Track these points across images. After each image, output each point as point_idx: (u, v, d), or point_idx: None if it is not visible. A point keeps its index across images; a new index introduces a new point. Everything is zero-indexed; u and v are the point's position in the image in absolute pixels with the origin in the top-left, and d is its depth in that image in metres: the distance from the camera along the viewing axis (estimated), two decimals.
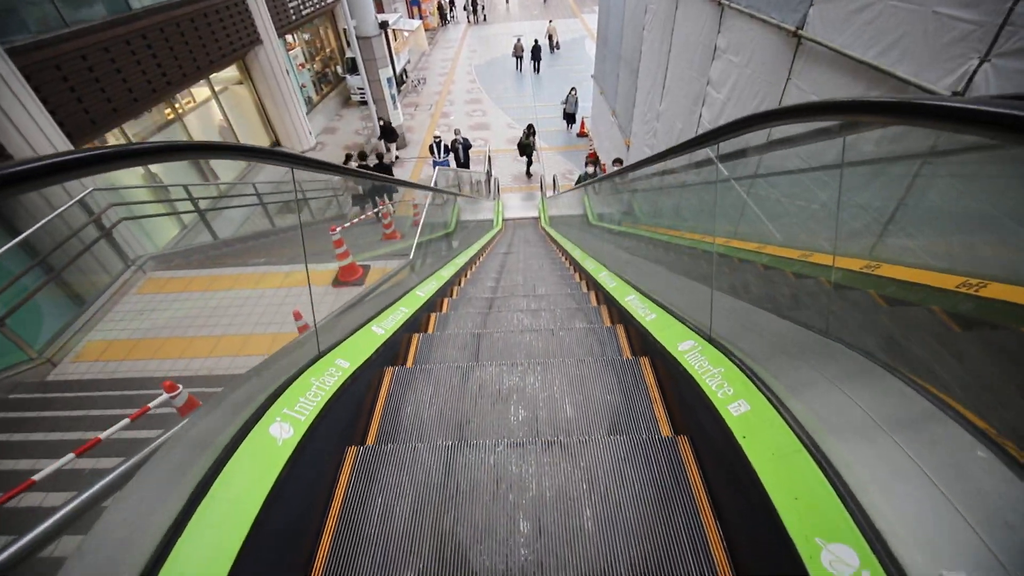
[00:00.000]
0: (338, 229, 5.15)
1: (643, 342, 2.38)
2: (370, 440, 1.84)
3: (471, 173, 9.06)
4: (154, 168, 9.72)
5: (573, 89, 15.08)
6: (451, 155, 12.01)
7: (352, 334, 2.17)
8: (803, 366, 1.41)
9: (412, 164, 14.23)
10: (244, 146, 1.35)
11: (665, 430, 1.79)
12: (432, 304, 3.38)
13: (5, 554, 0.97)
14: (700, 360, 1.67)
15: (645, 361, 2.22)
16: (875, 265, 2.10)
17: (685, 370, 1.70)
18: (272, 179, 12.58)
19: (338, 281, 5.31)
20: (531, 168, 13.58)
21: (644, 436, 1.64)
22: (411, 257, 3.43)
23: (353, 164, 11.42)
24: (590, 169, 7.86)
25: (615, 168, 7.62)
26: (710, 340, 1.81)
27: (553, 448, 1.59)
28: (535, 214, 12.09)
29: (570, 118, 15.72)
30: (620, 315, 2.96)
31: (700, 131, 6.21)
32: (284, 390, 1.52)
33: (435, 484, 1.49)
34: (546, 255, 6.99)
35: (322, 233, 9.53)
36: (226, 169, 12.39)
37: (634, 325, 2.57)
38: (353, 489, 1.46)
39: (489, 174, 12.03)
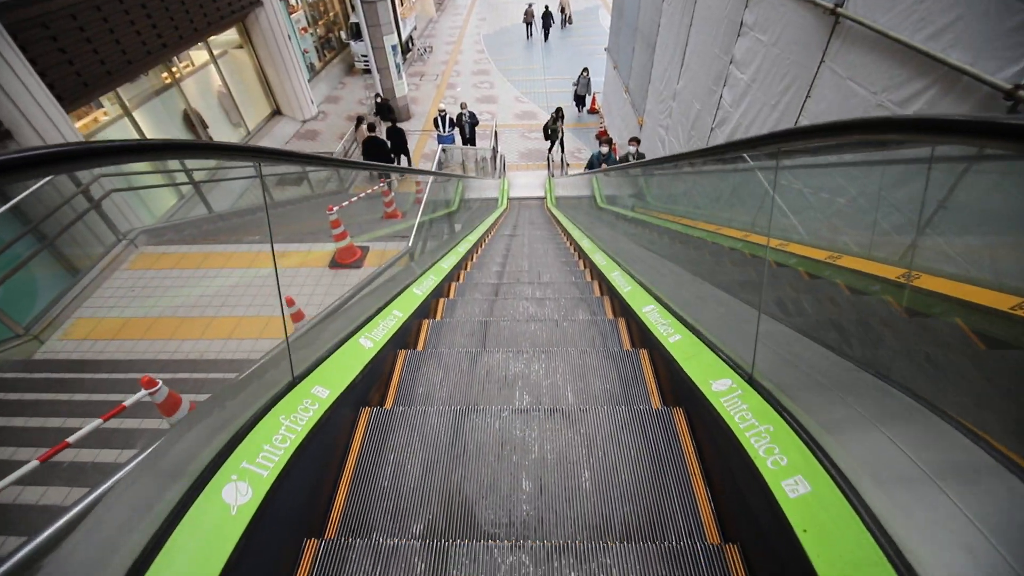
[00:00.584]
0: (335, 209, 4.91)
1: (668, 373, 1.96)
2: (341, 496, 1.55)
3: (477, 151, 8.74)
4: (152, 134, 9.45)
5: (585, 70, 14.22)
6: (456, 130, 11.62)
7: (336, 350, 1.89)
8: (872, 432, 1.10)
9: (416, 137, 13.81)
10: (205, 144, 1.12)
11: (704, 506, 1.48)
12: (428, 304, 3.16)
13: None
14: (741, 409, 1.35)
15: (678, 415, 1.75)
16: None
17: (723, 421, 1.38)
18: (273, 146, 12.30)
19: (335, 263, 5.11)
20: (552, 152, 12.62)
21: (685, 542, 1.36)
22: (410, 244, 3.21)
23: (364, 129, 11.03)
24: (604, 149, 7.35)
25: (632, 147, 7.14)
26: (751, 381, 1.47)
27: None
28: (541, 194, 11.78)
29: (580, 100, 14.91)
30: (639, 332, 2.44)
31: (720, 114, 5.87)
32: (244, 436, 1.27)
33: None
34: (551, 239, 6.76)
35: (320, 209, 9.33)
36: (226, 137, 12.05)
37: (658, 350, 2.06)
38: None
39: (495, 151, 11.66)
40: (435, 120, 11.50)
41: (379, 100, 12.74)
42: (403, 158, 11.51)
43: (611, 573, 1.25)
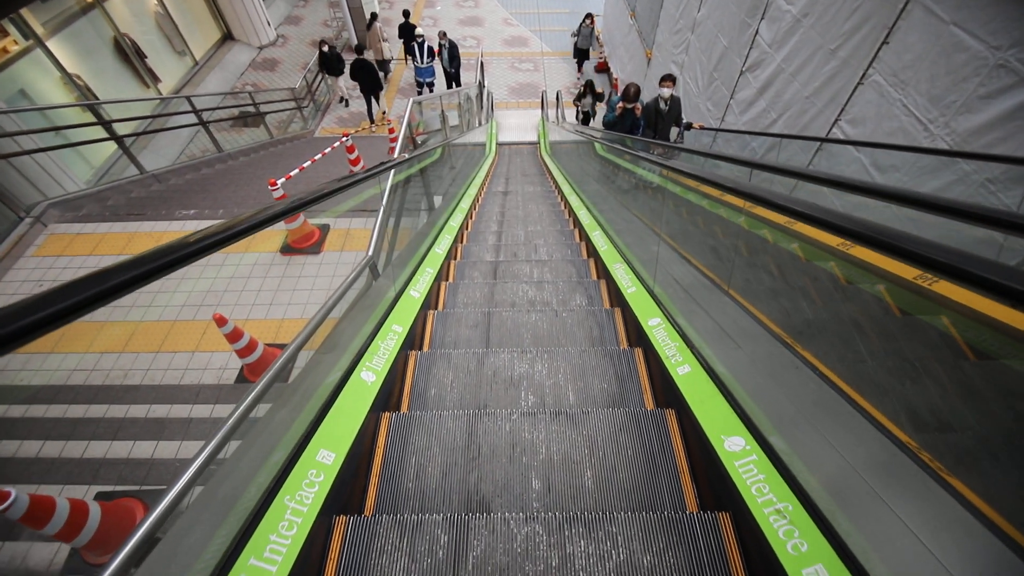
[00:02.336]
0: (280, 183, 3.93)
1: (698, 445, 1.64)
2: None
3: (460, 92, 7.46)
4: (81, 72, 7.96)
5: (589, 18, 11.20)
6: (435, 61, 10.12)
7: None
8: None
9: (391, 67, 12.18)
10: None
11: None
12: (413, 335, 2.41)
13: None
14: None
15: (724, 520, 1.43)
16: None
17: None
18: (219, 90, 10.72)
19: (288, 248, 4.23)
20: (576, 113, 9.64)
21: None
22: (371, 251, 2.35)
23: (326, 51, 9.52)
24: (627, 105, 4.98)
25: (665, 89, 4.86)
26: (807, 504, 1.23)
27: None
28: (534, 138, 10.57)
29: (582, 55, 11.90)
30: (657, 367, 2.07)
31: (754, 55, 4.79)
32: None
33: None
34: (547, 203, 5.85)
35: (284, 159, 8.11)
36: (169, 74, 10.46)
37: (682, 406, 1.74)
38: None
39: (481, 86, 10.24)
40: (410, 47, 9.94)
41: (325, 49, 9.84)
42: (374, 102, 10.07)
43: (616, 541, 1.39)
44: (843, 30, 3.49)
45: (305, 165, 4.56)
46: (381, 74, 10.00)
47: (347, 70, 9.95)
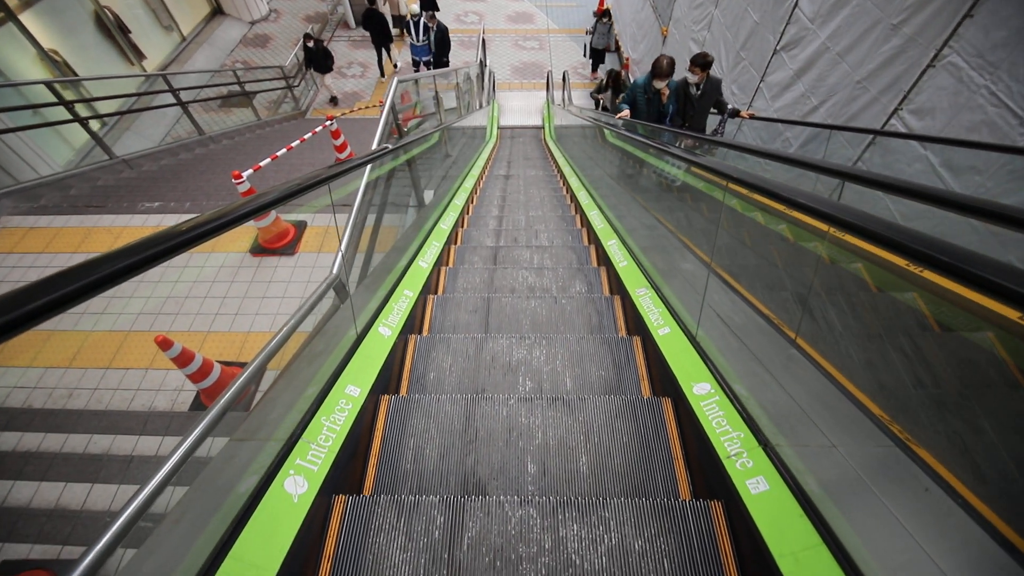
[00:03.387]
0: (246, 176, 3.41)
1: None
2: None
3: (459, 71, 6.85)
4: (59, 48, 7.40)
5: (607, 15, 9.61)
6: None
7: None
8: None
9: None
10: None
11: None
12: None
13: None
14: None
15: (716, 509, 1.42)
16: None
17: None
18: (208, 68, 10.12)
19: (259, 248, 3.75)
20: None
21: None
22: (334, 270, 1.89)
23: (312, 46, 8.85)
24: (657, 84, 3.81)
25: (692, 75, 3.82)
26: None
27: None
28: (538, 122, 9.96)
29: (598, 56, 10.15)
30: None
31: (792, 31, 4.21)
32: None
33: None
34: (553, 199, 5.33)
35: (269, 142, 7.55)
36: (156, 50, 9.88)
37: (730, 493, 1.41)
38: None
39: (483, 64, 9.60)
40: (405, 25, 9.27)
41: (311, 44, 8.74)
42: (384, 53, 9.51)
43: (609, 526, 1.40)
44: (908, 2, 2.93)
45: (279, 153, 4.03)
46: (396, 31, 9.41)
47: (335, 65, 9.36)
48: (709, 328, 1.81)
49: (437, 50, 9.00)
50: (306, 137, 4.92)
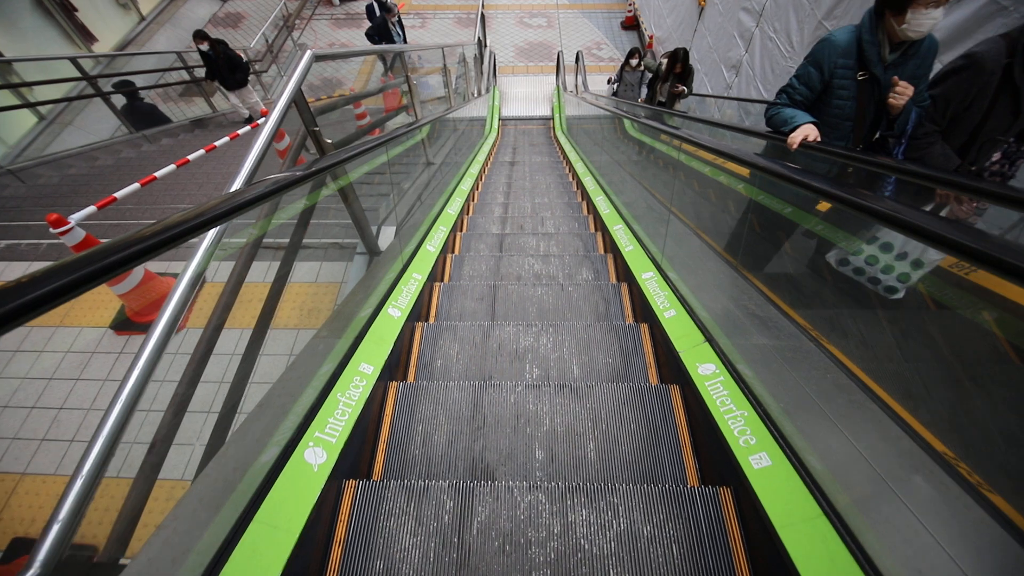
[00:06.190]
0: (74, 220, 2.19)
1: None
2: None
3: (458, 51, 5.53)
4: None
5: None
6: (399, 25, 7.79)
7: None
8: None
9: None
10: None
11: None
12: None
13: None
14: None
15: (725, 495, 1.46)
16: None
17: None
18: (171, 49, 8.85)
19: (126, 323, 2.58)
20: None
21: None
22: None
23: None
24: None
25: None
26: None
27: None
28: (546, 112, 8.66)
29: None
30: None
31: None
32: None
33: None
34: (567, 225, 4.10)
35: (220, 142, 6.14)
36: (109, 30, 8.69)
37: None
38: None
39: (481, 43, 8.27)
40: (368, 7, 7.86)
41: (204, 47, 6.23)
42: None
43: (617, 511, 1.41)
44: None
45: (158, 174, 2.86)
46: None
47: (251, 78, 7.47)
48: (714, 309, 1.86)
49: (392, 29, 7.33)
50: (202, 153, 3.66)
